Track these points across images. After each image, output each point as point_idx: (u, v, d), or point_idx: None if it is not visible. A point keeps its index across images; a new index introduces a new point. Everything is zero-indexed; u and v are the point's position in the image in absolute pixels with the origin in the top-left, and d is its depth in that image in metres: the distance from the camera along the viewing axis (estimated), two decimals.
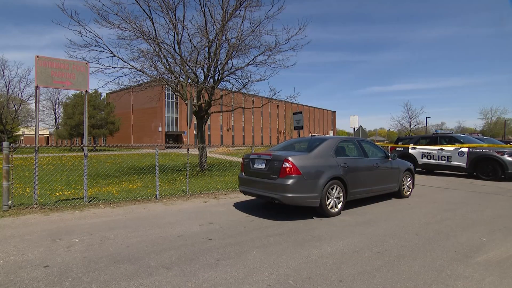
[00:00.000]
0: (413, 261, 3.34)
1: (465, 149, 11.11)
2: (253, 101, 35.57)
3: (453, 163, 11.43)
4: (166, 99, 50.06)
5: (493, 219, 5.24)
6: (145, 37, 10.07)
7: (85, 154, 6.29)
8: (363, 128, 13.03)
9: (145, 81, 11.67)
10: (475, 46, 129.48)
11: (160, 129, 49.49)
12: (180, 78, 11.46)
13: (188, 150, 8.18)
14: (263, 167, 5.38)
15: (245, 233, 4.33)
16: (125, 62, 10.25)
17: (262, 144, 63.19)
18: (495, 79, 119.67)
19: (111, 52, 9.89)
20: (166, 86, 11.94)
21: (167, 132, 50.65)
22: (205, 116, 12.33)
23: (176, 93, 12.01)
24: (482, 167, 10.74)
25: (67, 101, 43.51)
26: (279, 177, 5.00)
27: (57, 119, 52.66)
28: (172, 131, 51.75)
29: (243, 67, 11.46)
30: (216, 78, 11.91)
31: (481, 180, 10.48)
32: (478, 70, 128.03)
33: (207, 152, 13.91)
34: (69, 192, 7.58)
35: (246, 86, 11.73)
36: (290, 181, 4.87)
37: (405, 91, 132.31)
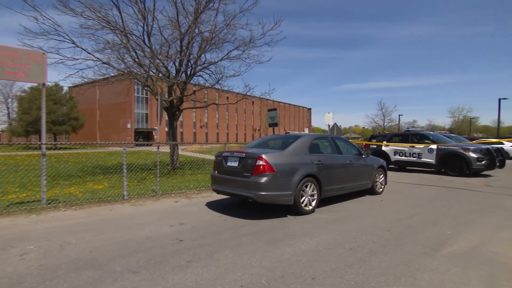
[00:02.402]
0: (384, 256, 3.48)
1: (434, 146, 11.76)
2: (228, 98, 35.32)
3: (423, 160, 12.06)
4: (136, 94, 48.50)
5: (458, 213, 5.59)
6: (112, 28, 9.66)
7: (43, 153, 5.93)
8: (338, 125, 13.39)
9: (112, 74, 11.20)
10: (446, 46, 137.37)
11: (129, 125, 47.87)
12: (150, 72, 11.12)
13: (158, 148, 7.97)
14: (236, 165, 5.36)
15: (218, 233, 4.30)
16: (89, 53, 9.78)
17: (236, 141, 63.10)
18: (463, 78, 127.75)
19: (73, 42, 9.39)
20: (135, 80, 11.55)
21: (137, 129, 49.12)
22: (177, 113, 12.08)
23: (146, 88, 11.65)
24: (449, 163, 11.42)
25: (23, 94, 40.82)
26: (253, 175, 5.01)
27: (10, 114, 49.25)
28: (142, 128, 50.25)
29: (217, 62, 11.35)
30: (189, 72, 11.69)
31: (449, 176, 11.15)
32: (447, 70, 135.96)
33: (179, 150, 13.64)
34: (24, 194, 7.12)
35: (220, 81, 11.64)
36: (263, 179, 4.90)
37: (379, 89, 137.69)
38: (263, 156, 5.03)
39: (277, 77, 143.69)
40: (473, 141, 20.19)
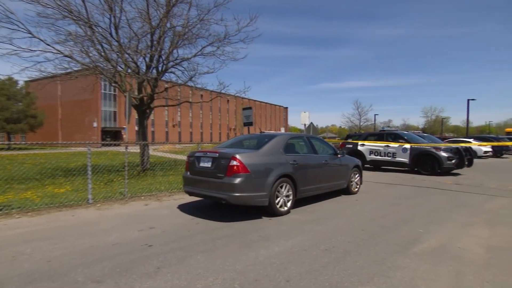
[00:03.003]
0: (358, 256, 3.59)
1: (408, 146, 12.31)
2: (202, 95, 34.94)
3: (397, 159, 12.58)
4: (103, 91, 46.73)
5: (430, 211, 5.89)
6: (74, 18, 9.23)
7: None
8: (315, 125, 13.65)
9: (75, 69, 10.69)
10: (420, 47, 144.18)
11: (95, 124, 46.02)
12: (118, 67, 10.75)
13: (126, 148, 7.72)
14: (209, 165, 5.32)
15: (190, 237, 4.24)
16: (49, 45, 9.27)
17: (211, 141, 62.61)
18: (436, 79, 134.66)
19: (29, 32, 8.87)
20: (102, 75, 11.12)
21: (104, 128, 47.34)
22: (148, 111, 11.77)
23: (113, 84, 11.25)
24: (422, 162, 12.00)
25: None
26: (226, 176, 4.99)
27: None
28: (109, 127, 48.51)
29: (190, 58, 11.17)
30: (160, 69, 11.42)
31: (422, 175, 11.71)
32: (421, 70, 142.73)
33: (150, 150, 13.30)
34: None
35: (193, 78, 11.47)
36: (237, 180, 4.89)
37: (355, 89, 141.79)
38: (237, 156, 5.02)
39: (253, 75, 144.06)
40: (445, 141, 21.40)
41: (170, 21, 10.66)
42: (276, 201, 5.34)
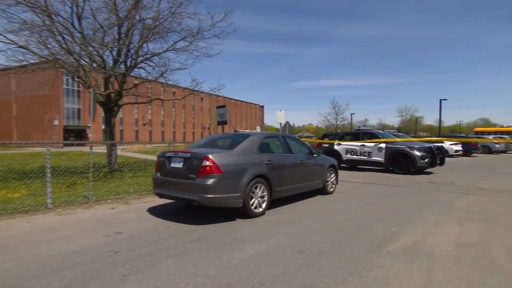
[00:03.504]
0: (333, 256, 3.68)
1: (383, 145, 12.76)
2: (174, 93, 34.39)
3: (373, 158, 13.01)
4: (65, 86, 44.64)
5: (403, 210, 6.14)
6: (30, 5, 8.73)
7: None
8: (290, 124, 13.82)
9: (32, 61, 10.13)
10: (395, 47, 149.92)
11: (56, 122, 43.87)
12: (82, 61, 10.31)
13: (91, 148, 7.42)
14: (181, 166, 5.24)
15: (160, 242, 4.16)
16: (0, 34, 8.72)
17: (184, 140, 61.68)
18: (411, 79, 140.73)
19: None
20: (63, 69, 10.61)
21: (67, 126, 45.26)
22: (115, 108, 11.39)
23: (76, 79, 10.77)
24: (397, 161, 12.49)
25: None
26: (199, 177, 4.94)
27: None
28: (73, 125, 46.45)
29: (161, 53, 10.94)
30: (128, 63, 11.08)
31: (396, 174, 12.18)
32: (397, 69, 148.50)
33: (118, 150, 12.88)
34: None
35: (164, 74, 11.24)
36: (210, 181, 4.86)
37: (332, 87, 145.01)
38: (210, 156, 4.99)
39: (228, 72, 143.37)
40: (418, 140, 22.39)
41: (139, 13, 10.38)
42: (251, 202, 5.36)
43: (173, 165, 5.40)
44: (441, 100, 38.96)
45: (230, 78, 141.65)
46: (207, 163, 4.95)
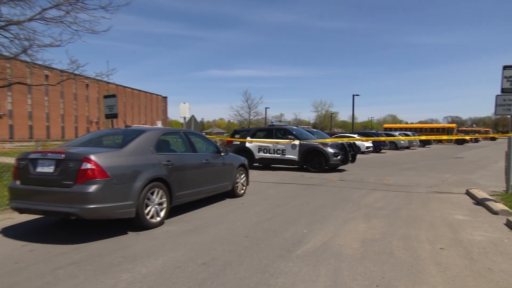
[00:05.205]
0: (239, 266, 3.79)
1: (297, 142, 13.70)
2: (47, 76, 30.65)
3: (287, 156, 13.86)
4: None
5: (315, 210, 6.72)
6: None
7: None
8: (197, 118, 13.75)
9: None
10: (310, 38, 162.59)
11: None
12: None
13: None
14: (52, 170, 4.72)
15: (18, 271, 3.66)
16: None
17: (63, 137, 55.80)
18: (326, 72, 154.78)
19: None
20: None
21: None
22: None
23: None
24: (310, 159, 13.57)
25: None
26: (77, 183, 4.53)
27: None
28: None
29: (23, 22, 9.60)
30: None
31: (310, 172, 13.25)
32: (312, 62, 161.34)
33: None
34: None
35: (28, 51, 9.91)
36: (93, 188, 4.50)
37: (245, 78, 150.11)
38: (92, 157, 4.61)
39: (121, 55, 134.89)
40: (333, 136, 24.80)
41: None
42: (146, 211, 5.16)
43: (40, 169, 4.82)
44: (354, 95, 43.86)
45: (124, 62, 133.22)
46: (88, 165, 4.57)
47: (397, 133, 38.19)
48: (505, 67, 7.80)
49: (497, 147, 39.02)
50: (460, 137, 43.03)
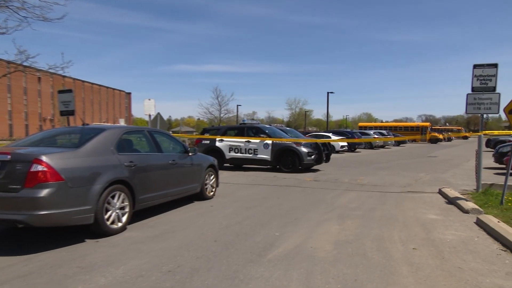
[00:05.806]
0: (207, 273, 3.77)
1: (269, 141, 13.77)
2: None
3: (259, 156, 13.90)
4: None
5: (288, 212, 6.79)
6: None
7: None
8: (163, 116, 13.55)
9: None
10: (283, 33, 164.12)
11: None
12: None
13: None
14: None
15: None
16: None
17: (11, 136, 53.25)
18: (300, 69, 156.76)
19: None
20: None
21: None
22: None
23: None
24: (283, 159, 13.69)
25: None
26: (25, 187, 4.32)
27: None
28: None
29: None
30: None
31: (283, 172, 13.36)
32: (286, 58, 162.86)
33: None
34: None
35: None
36: (44, 192, 4.31)
37: (215, 73, 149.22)
38: (43, 158, 4.42)
39: (79, 46, 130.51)
40: (307, 135, 25.15)
41: None
42: (106, 217, 5.02)
43: None
44: (328, 93, 44.66)
45: (82, 54, 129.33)
46: (39, 167, 4.38)
47: (372, 132, 39.32)
48: (475, 66, 8.18)
49: (469, 145, 41.06)
50: (434, 136, 45.02)
